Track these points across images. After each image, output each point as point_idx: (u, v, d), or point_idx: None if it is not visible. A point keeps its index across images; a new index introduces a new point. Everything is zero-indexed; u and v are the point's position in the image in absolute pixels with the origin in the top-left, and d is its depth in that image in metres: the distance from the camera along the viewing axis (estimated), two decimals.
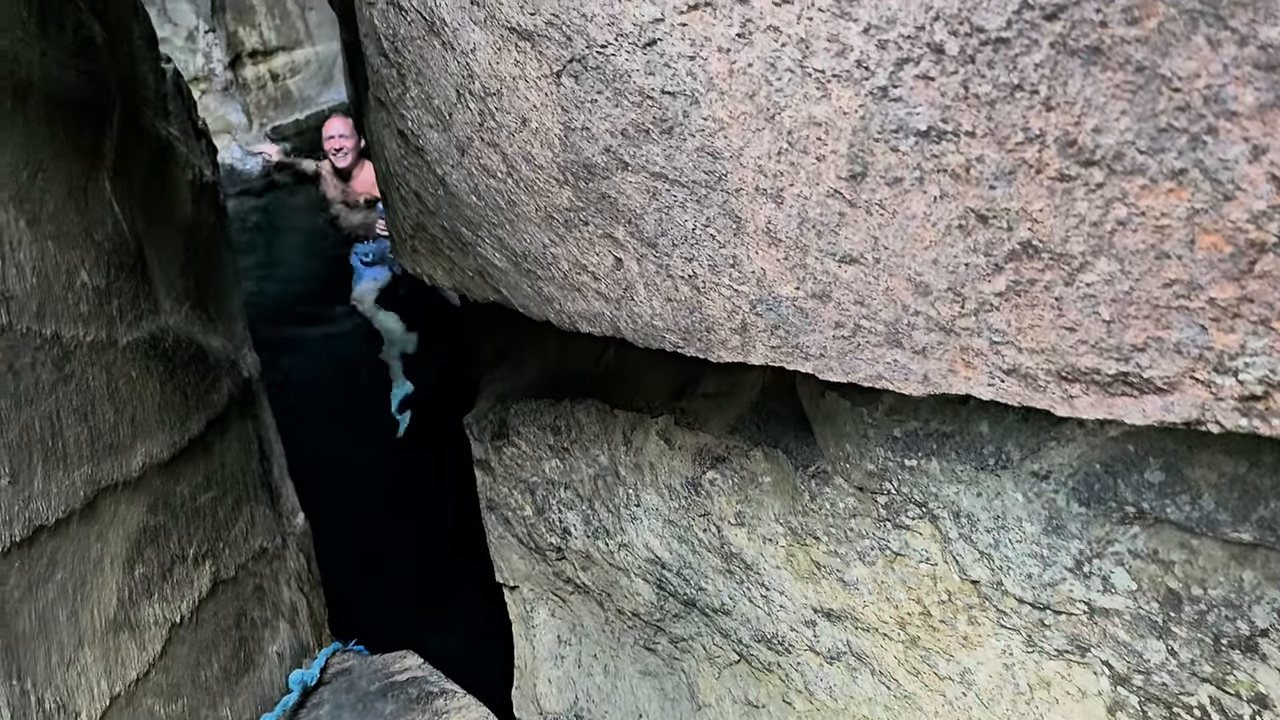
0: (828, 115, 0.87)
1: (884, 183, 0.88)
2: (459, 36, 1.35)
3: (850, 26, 0.80)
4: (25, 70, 1.77)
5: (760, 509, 2.03)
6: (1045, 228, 0.79)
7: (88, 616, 1.72)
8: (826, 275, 1.04)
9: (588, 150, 1.24)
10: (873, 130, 0.85)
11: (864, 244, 0.96)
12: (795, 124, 0.91)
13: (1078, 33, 0.68)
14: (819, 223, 0.98)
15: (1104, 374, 0.86)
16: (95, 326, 1.92)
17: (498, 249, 1.79)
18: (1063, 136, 0.73)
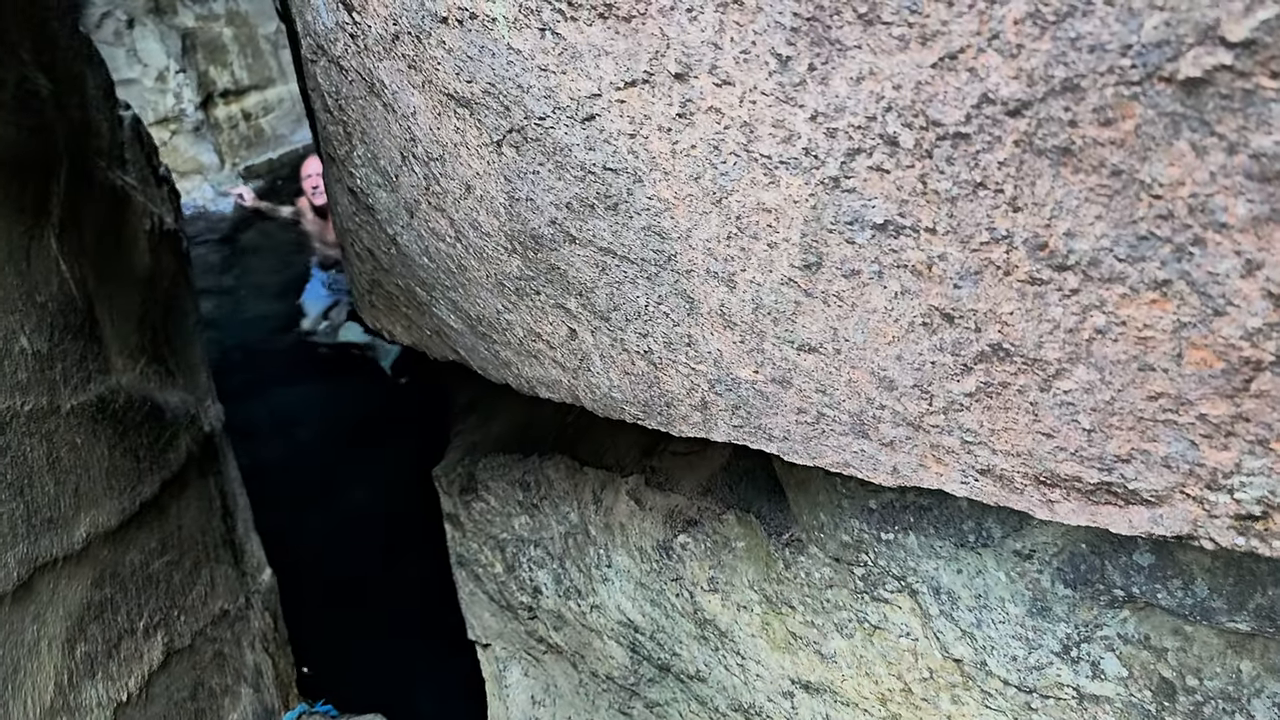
0: (777, 202, 0.80)
1: (840, 274, 0.81)
2: (399, 99, 1.28)
3: (796, 113, 0.73)
4: None
5: (734, 575, 1.94)
6: (1016, 331, 0.72)
7: (19, 706, 1.62)
8: (785, 362, 0.96)
9: (534, 221, 1.17)
10: (825, 220, 0.77)
11: (823, 334, 0.88)
12: (744, 209, 0.83)
13: (1045, 131, 0.60)
14: (774, 309, 0.91)
15: (1086, 482, 0.78)
16: (35, 394, 1.83)
17: (452, 311, 1.71)
18: (1032, 239, 0.66)
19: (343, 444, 4.61)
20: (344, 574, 3.99)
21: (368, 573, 3.98)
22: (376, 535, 4.10)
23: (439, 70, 1.10)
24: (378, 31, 1.21)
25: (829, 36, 0.67)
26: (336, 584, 3.93)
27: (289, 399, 4.88)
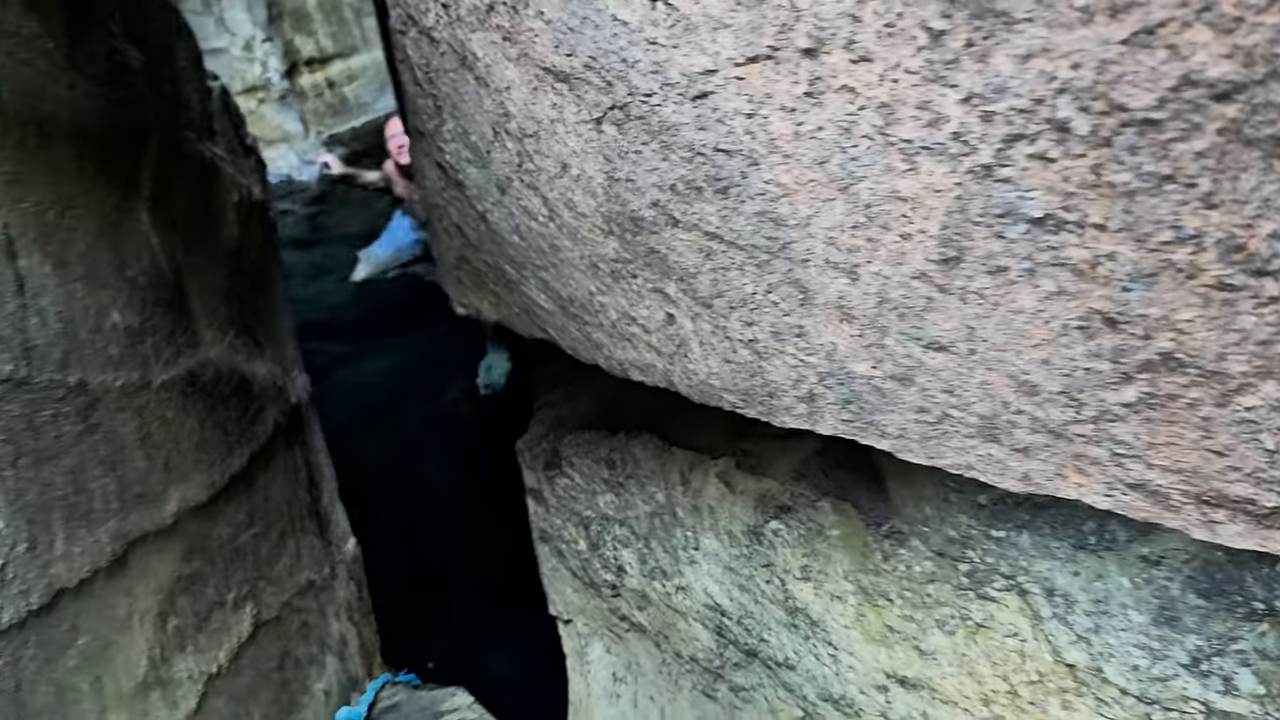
0: (915, 191, 0.72)
1: (984, 270, 0.73)
2: (492, 73, 1.22)
3: (946, 94, 0.65)
4: (52, 105, 1.68)
5: (828, 564, 1.87)
6: (1195, 341, 0.64)
7: (113, 682, 1.63)
8: (909, 359, 0.89)
9: (634, 203, 1.10)
10: (972, 212, 0.70)
11: (956, 333, 0.81)
12: (875, 197, 0.76)
13: (1260, 119, 0.52)
14: (902, 304, 0.83)
15: (1262, 505, 0.70)
16: (127, 369, 1.84)
17: (542, 290, 1.67)
18: (1227, 239, 0.57)
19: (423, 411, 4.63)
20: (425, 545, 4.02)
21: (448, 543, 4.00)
22: (456, 505, 4.12)
23: (536, 43, 1.04)
24: (471, 1, 1.15)
25: (993, 8, 0.59)
26: (417, 554, 3.97)
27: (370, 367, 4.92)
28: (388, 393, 4.73)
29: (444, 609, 3.80)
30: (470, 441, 4.37)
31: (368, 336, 5.14)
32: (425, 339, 5.02)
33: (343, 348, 4.91)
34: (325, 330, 4.99)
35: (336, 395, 4.28)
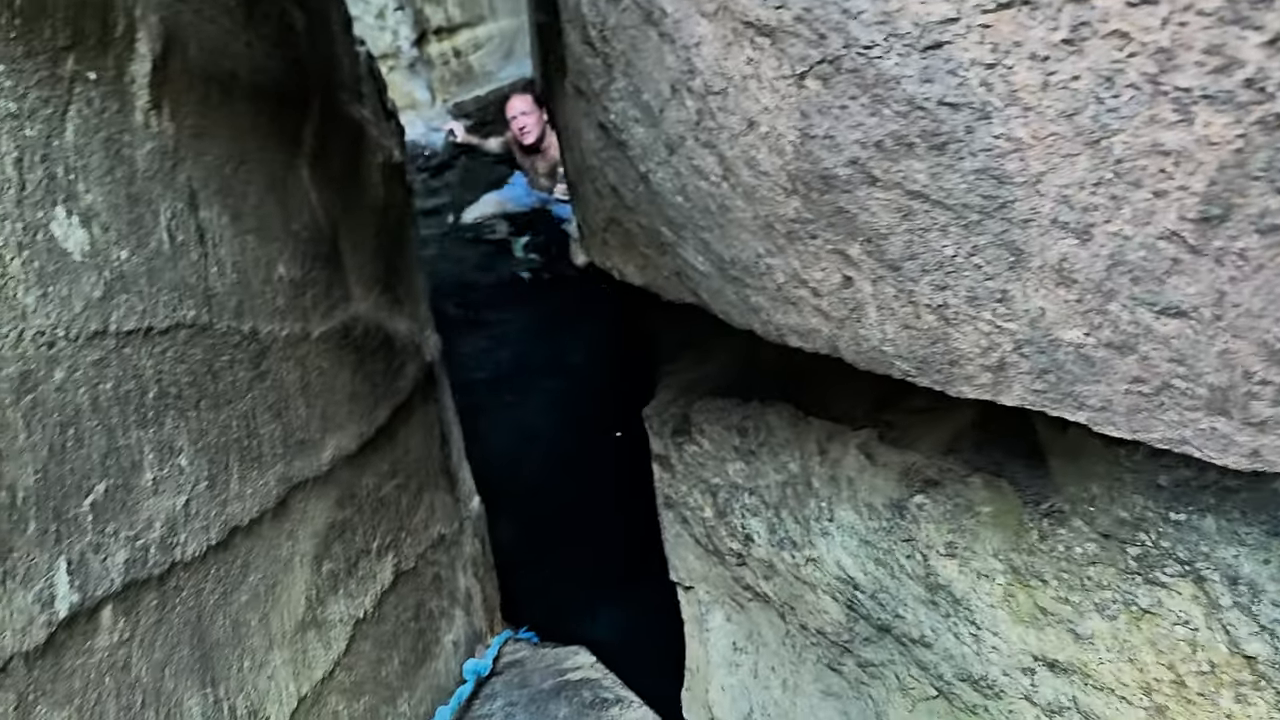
0: (1183, 144, 0.69)
1: (1253, 230, 0.69)
2: (681, 28, 1.21)
3: (1246, 37, 0.62)
4: (232, 62, 1.74)
5: (976, 541, 1.84)
6: None
7: (278, 619, 1.70)
8: (1135, 326, 0.86)
9: (828, 160, 1.08)
10: (1252, 166, 0.66)
11: (1201, 298, 0.77)
12: (1129, 152, 0.73)
13: None
14: (1138, 267, 0.80)
15: None
16: (290, 320, 1.90)
17: (702, 252, 1.66)
18: None
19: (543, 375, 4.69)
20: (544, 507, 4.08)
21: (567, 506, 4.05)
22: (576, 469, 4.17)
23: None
24: None
25: None
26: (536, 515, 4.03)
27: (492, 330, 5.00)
28: (509, 356, 4.81)
29: (561, 571, 3.85)
30: (591, 406, 4.41)
31: (490, 300, 5.22)
32: (546, 306, 5.09)
33: (464, 311, 5.00)
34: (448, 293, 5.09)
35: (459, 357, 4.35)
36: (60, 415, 1.19)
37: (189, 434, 1.48)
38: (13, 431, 1.10)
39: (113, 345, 1.32)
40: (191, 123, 1.62)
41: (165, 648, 1.35)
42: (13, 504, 1.08)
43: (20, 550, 1.08)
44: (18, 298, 1.15)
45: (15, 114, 1.19)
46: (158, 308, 1.43)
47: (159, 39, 1.48)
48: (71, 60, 1.31)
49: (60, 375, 1.20)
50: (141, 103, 1.47)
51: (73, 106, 1.32)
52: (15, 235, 1.16)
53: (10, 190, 1.16)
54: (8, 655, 1.04)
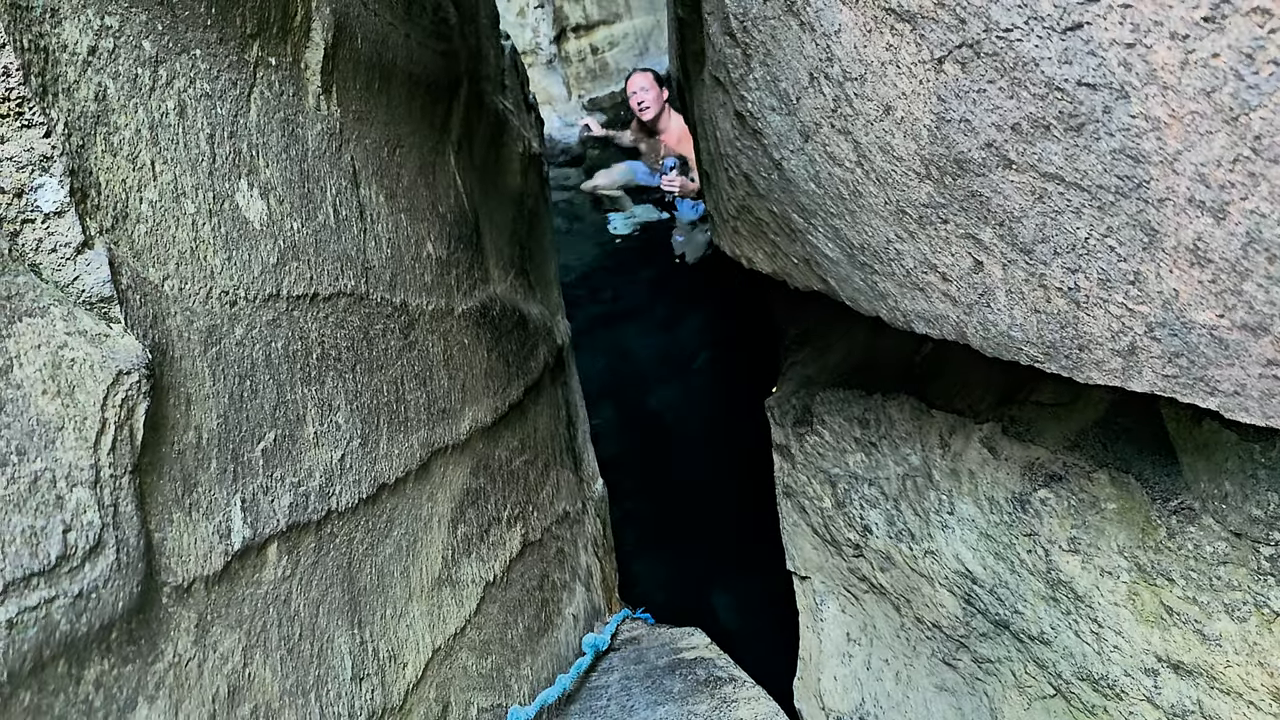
0: None
1: None
2: (822, 17, 1.26)
3: None
4: (392, 52, 1.86)
5: (1100, 537, 1.82)
6: None
7: (417, 573, 1.81)
8: (1270, 306, 0.87)
9: (963, 144, 1.12)
10: None
11: None
12: (1269, 127, 0.75)
13: None
14: (1274, 245, 0.81)
15: None
16: (436, 296, 2.02)
17: (831, 239, 1.70)
18: None
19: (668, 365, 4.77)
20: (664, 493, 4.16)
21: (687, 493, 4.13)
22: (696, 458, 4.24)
23: None
24: None
25: None
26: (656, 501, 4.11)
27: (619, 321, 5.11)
28: (636, 346, 4.91)
29: (679, 556, 3.93)
30: (713, 396, 4.47)
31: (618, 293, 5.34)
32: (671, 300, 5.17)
33: (593, 302, 5.12)
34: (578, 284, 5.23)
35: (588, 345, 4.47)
36: (239, 368, 1.31)
37: (346, 394, 1.60)
38: (200, 379, 1.22)
39: (284, 308, 1.44)
40: (355, 107, 1.75)
41: (320, 587, 1.47)
42: (198, 444, 1.21)
43: (203, 486, 1.21)
44: (207, 259, 1.27)
45: (209, 94, 1.32)
46: (323, 276, 1.56)
47: (331, 29, 1.61)
48: (256, 46, 1.44)
49: (240, 331, 1.32)
50: (314, 87, 1.60)
51: (256, 89, 1.44)
52: (206, 204, 1.29)
53: (204, 163, 1.29)
54: (191, 578, 1.16)
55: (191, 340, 1.21)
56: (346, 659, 1.51)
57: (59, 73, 1.04)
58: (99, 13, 1.12)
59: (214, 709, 1.18)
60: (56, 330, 0.97)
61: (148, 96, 1.20)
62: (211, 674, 1.18)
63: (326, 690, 1.44)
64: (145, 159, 1.17)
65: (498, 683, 2.14)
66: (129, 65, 1.17)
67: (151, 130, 1.19)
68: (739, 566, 3.79)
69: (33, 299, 0.96)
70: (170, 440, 1.15)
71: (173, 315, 1.18)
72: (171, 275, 1.19)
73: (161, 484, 1.12)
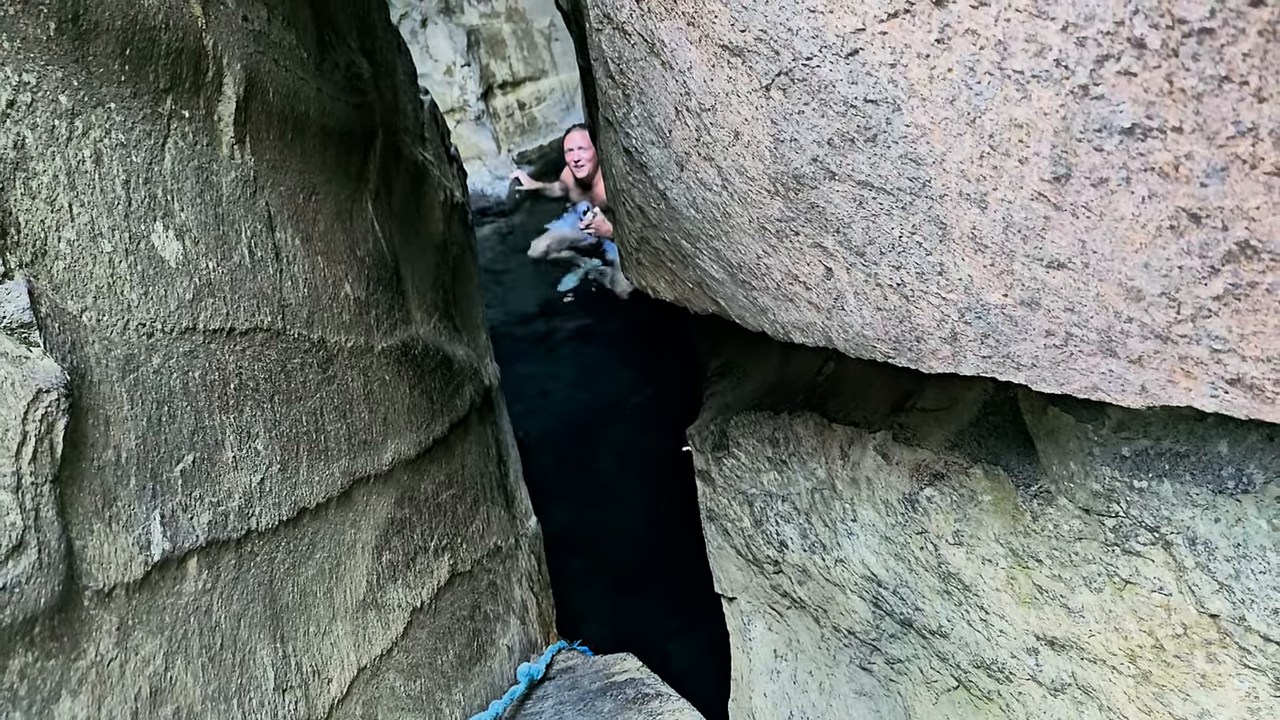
0: (1028, 117, 0.86)
1: (1089, 184, 0.86)
2: (677, 56, 1.41)
3: (1048, 25, 0.79)
4: (304, 105, 1.99)
5: (979, 528, 1.97)
6: (1264, 226, 0.75)
7: (341, 595, 1.90)
8: (1034, 281, 1.02)
9: (796, 161, 1.27)
10: (1075, 130, 0.83)
11: (1071, 248, 0.94)
12: (996, 127, 0.90)
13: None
14: (1024, 227, 0.97)
15: None
16: (355, 333, 2.13)
17: (715, 260, 1.85)
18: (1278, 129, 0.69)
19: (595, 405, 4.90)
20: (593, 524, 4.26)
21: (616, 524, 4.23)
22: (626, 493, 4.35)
23: (715, 23, 1.23)
24: None
25: None
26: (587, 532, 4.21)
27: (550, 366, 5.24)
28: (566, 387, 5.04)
29: (618, 589, 4.02)
30: (643, 431, 4.60)
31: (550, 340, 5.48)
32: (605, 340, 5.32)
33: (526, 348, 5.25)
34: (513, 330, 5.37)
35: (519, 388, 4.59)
36: (157, 394, 1.42)
37: (264, 422, 1.71)
38: (119, 402, 1.33)
39: (200, 340, 1.55)
40: (270, 156, 1.87)
41: (241, 601, 1.56)
42: (118, 461, 1.31)
43: (123, 500, 1.30)
44: (124, 294, 1.38)
45: (124, 143, 1.44)
46: (239, 312, 1.67)
47: (242, 83, 1.74)
48: (170, 100, 1.57)
49: (157, 361, 1.43)
50: (227, 138, 1.73)
51: (170, 139, 1.57)
52: (123, 243, 1.40)
53: (119, 206, 1.40)
54: (112, 584, 1.25)
55: (110, 367, 1.32)
56: (269, 670, 1.60)
57: None
58: (16, 70, 1.24)
59: (136, 707, 1.26)
60: None
61: (64, 145, 1.31)
62: (133, 675, 1.27)
63: (249, 698, 1.52)
64: (63, 201, 1.28)
65: (428, 705, 2.22)
66: (46, 117, 1.28)
67: (69, 176, 1.30)
68: (677, 595, 3.89)
69: None
70: (90, 457, 1.25)
71: (90, 344, 1.29)
72: (89, 307, 1.30)
73: (82, 496, 1.22)
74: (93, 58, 1.39)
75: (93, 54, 1.39)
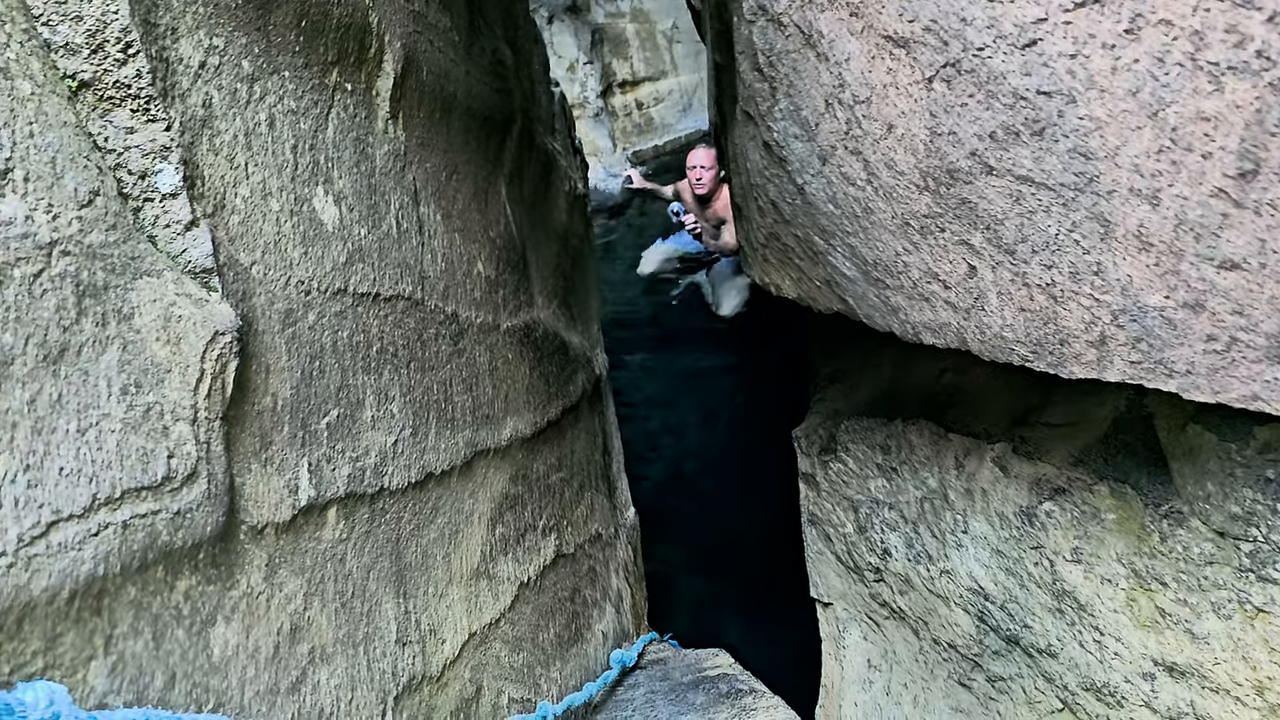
0: (1218, 110, 0.86)
1: (1278, 180, 0.85)
2: (834, 48, 1.43)
3: (1253, 15, 0.79)
4: (453, 86, 2.06)
5: (1101, 547, 1.93)
6: None
7: (458, 560, 1.96)
8: (1202, 283, 1.01)
9: (952, 155, 1.27)
10: (1269, 123, 0.82)
11: (1249, 248, 0.92)
12: (1180, 120, 0.89)
13: None
14: (1198, 225, 0.96)
15: None
16: (484, 310, 2.19)
17: (848, 257, 1.85)
18: None
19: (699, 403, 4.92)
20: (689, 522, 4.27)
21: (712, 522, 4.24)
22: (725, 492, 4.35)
23: (882, 12, 1.24)
24: None
25: None
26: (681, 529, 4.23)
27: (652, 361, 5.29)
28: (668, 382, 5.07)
29: (705, 586, 4.03)
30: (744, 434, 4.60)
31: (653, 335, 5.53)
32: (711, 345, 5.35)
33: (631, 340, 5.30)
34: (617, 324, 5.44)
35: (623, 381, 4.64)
36: (310, 349, 1.49)
37: (400, 387, 1.77)
38: (278, 352, 1.40)
39: (350, 303, 1.62)
40: (419, 133, 1.94)
41: (372, 554, 1.62)
42: (274, 408, 1.37)
43: (277, 445, 1.37)
44: (287, 251, 1.45)
45: (294, 110, 1.51)
46: (384, 279, 1.74)
47: (400, 61, 1.81)
48: (335, 72, 1.64)
49: (312, 318, 1.50)
50: (383, 112, 1.80)
51: (333, 110, 1.64)
52: (289, 204, 1.47)
53: (287, 169, 1.48)
54: (265, 522, 1.32)
55: (272, 319, 1.39)
56: (392, 623, 1.66)
57: (176, 80, 1.24)
58: (209, 33, 1.32)
59: (278, 640, 1.33)
60: (168, 290, 1.14)
61: (244, 107, 1.39)
62: (278, 610, 1.34)
63: (374, 647, 1.58)
64: (241, 160, 1.36)
65: (528, 678, 2.27)
66: (230, 80, 1.36)
67: (246, 136, 1.38)
68: (771, 597, 3.88)
69: (150, 262, 1.14)
70: (251, 401, 1.32)
71: (258, 295, 1.36)
72: (258, 261, 1.37)
73: (243, 436, 1.28)
74: (272, 27, 1.47)
75: (273, 23, 1.47)
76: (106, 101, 1.14)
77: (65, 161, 1.04)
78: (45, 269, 0.97)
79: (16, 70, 1.00)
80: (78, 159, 1.06)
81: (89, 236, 1.04)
